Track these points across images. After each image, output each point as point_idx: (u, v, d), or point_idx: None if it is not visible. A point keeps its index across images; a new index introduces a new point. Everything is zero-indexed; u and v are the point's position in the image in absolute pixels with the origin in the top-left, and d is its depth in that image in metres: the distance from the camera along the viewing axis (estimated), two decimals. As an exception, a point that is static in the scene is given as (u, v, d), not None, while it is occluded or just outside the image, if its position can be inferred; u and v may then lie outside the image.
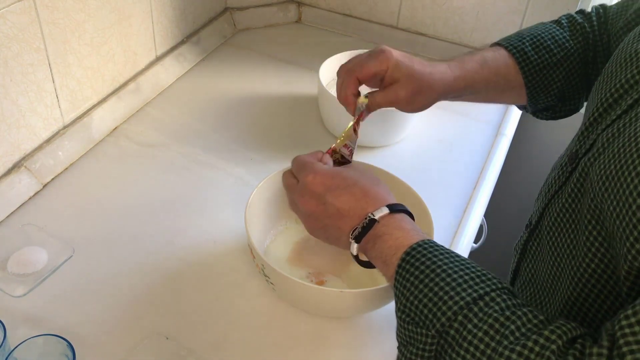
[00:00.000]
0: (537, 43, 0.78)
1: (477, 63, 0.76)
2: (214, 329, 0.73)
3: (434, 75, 0.73)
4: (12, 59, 0.81)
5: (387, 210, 0.60)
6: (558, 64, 0.78)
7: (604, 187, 0.52)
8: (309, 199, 0.63)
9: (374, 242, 0.59)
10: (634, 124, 0.52)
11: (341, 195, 0.61)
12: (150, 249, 0.82)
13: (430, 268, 0.53)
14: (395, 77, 0.72)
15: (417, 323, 0.52)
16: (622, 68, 0.60)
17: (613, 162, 0.52)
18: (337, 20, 1.38)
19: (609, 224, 0.51)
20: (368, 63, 0.72)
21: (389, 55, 0.72)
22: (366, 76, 0.72)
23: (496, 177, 1.02)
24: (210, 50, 1.26)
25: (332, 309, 0.73)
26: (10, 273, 0.76)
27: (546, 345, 0.46)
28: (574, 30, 0.80)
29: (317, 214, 0.62)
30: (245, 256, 0.82)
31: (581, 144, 0.63)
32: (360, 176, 0.64)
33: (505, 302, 0.50)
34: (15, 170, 0.87)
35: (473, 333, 0.48)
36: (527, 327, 0.48)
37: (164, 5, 1.10)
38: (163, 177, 0.94)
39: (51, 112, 0.91)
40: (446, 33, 1.29)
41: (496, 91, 0.79)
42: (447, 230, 0.89)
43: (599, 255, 0.54)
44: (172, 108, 1.10)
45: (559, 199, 0.64)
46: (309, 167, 0.64)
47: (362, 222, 0.60)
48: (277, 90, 1.17)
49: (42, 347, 0.64)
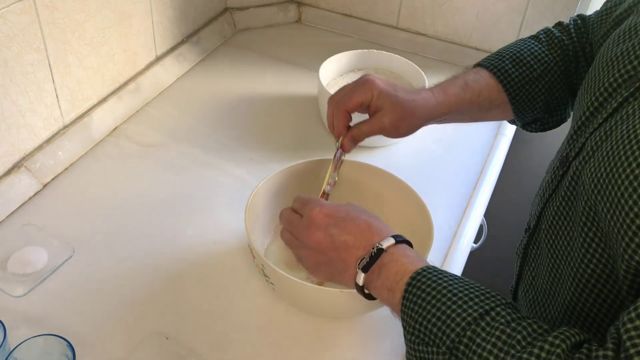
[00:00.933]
0: (517, 60, 0.80)
1: (459, 87, 0.78)
2: (214, 329, 0.73)
3: (417, 102, 0.75)
4: (12, 59, 0.81)
5: (393, 240, 0.61)
6: (539, 78, 0.80)
7: (596, 190, 0.53)
8: (315, 230, 0.64)
9: (380, 271, 0.60)
10: (620, 126, 0.54)
11: (347, 227, 0.63)
12: (150, 249, 0.82)
13: (436, 290, 0.55)
14: (379, 106, 0.74)
15: (427, 343, 0.53)
16: (605, 72, 0.61)
17: (603, 165, 0.53)
18: (337, 20, 1.38)
19: (604, 225, 0.52)
20: (353, 95, 0.74)
21: (372, 85, 0.74)
22: (353, 107, 0.74)
23: (496, 177, 1.02)
24: (210, 50, 1.26)
25: (332, 309, 0.73)
26: (10, 273, 0.76)
27: (551, 350, 0.47)
28: (552, 44, 0.82)
29: (323, 246, 0.63)
30: (245, 256, 0.82)
31: (571, 147, 0.64)
32: (362, 212, 0.65)
33: (510, 316, 0.51)
34: (15, 170, 0.87)
35: (482, 346, 0.50)
36: (533, 336, 0.49)
37: (164, 5, 1.10)
38: (163, 177, 0.94)
39: (51, 112, 0.91)
40: (446, 33, 1.29)
41: (480, 111, 0.81)
42: (447, 230, 0.89)
43: (597, 255, 0.55)
44: (172, 108, 1.10)
45: (553, 202, 0.65)
46: (314, 201, 0.66)
47: (370, 252, 0.61)
48: (277, 90, 1.17)
49: (42, 347, 0.64)
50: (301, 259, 0.67)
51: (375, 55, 1.14)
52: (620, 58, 0.60)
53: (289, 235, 0.68)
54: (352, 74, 1.13)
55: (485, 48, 1.27)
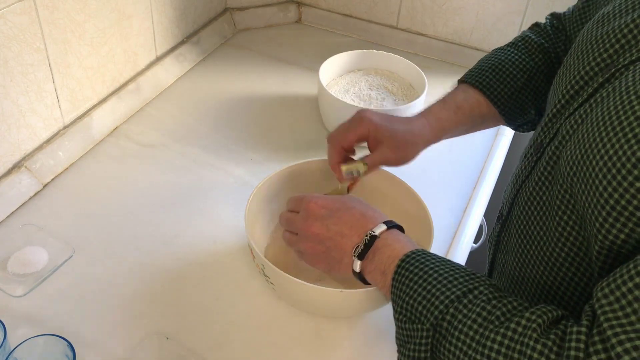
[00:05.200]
0: (499, 72, 0.81)
1: (451, 111, 0.79)
2: (214, 329, 0.73)
3: (414, 131, 0.76)
4: (12, 59, 0.81)
5: (384, 227, 0.63)
6: (524, 87, 0.80)
7: (572, 172, 0.55)
8: (312, 222, 0.66)
9: (373, 255, 0.62)
10: (595, 109, 0.55)
11: (342, 217, 0.65)
12: (150, 249, 0.82)
13: (423, 270, 0.57)
14: (378, 139, 0.75)
15: (413, 320, 0.55)
16: (580, 60, 0.62)
17: (579, 148, 0.54)
18: (337, 20, 1.38)
19: (580, 207, 0.54)
20: (349, 133, 0.75)
21: (367, 121, 0.74)
22: (350, 145, 0.75)
23: (496, 177, 1.03)
24: (210, 51, 1.26)
25: (332, 309, 0.73)
26: (10, 273, 0.76)
27: (527, 325, 0.49)
28: (531, 49, 0.82)
29: (320, 236, 0.65)
30: (245, 256, 0.82)
31: (545, 133, 0.65)
32: (357, 202, 0.68)
33: (492, 294, 0.54)
34: (15, 170, 0.87)
35: (463, 322, 0.52)
36: (512, 312, 0.51)
37: (164, 5, 1.10)
38: (163, 177, 0.95)
39: (51, 112, 0.92)
40: (446, 33, 1.30)
41: (474, 127, 0.83)
42: (447, 230, 0.89)
43: (571, 238, 0.57)
44: (172, 108, 1.10)
45: (526, 188, 0.66)
46: (309, 196, 0.69)
47: (364, 239, 0.63)
48: (277, 90, 1.17)
49: (42, 347, 0.64)
50: (301, 254, 0.69)
51: (375, 55, 1.14)
52: (595, 46, 0.61)
53: (289, 234, 0.70)
54: (352, 74, 1.13)
55: (485, 48, 1.27)
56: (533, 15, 1.19)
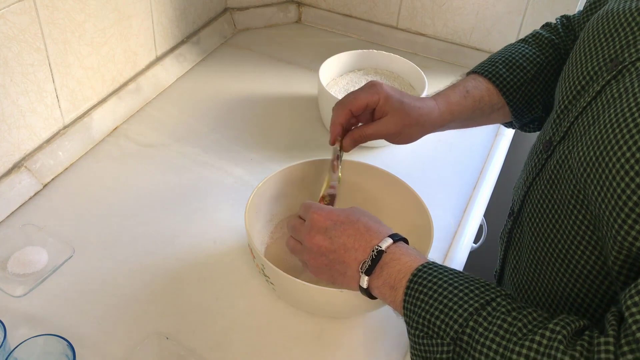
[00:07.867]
0: (510, 64, 0.81)
1: (460, 95, 0.79)
2: (214, 329, 0.73)
3: (422, 110, 0.75)
4: (12, 59, 0.81)
5: (391, 240, 0.62)
6: (534, 79, 0.81)
7: (585, 173, 0.55)
8: (315, 234, 0.65)
9: (381, 270, 0.60)
10: (607, 110, 0.55)
11: (346, 230, 0.64)
12: (150, 249, 0.82)
13: (437, 284, 0.56)
14: (385, 110, 0.74)
15: (431, 336, 0.54)
16: (586, 56, 0.63)
17: (592, 149, 0.54)
18: (337, 20, 1.38)
19: (594, 208, 0.54)
20: (359, 95, 0.74)
21: (379, 88, 0.74)
22: (359, 108, 0.74)
23: (496, 177, 1.03)
24: (210, 51, 1.26)
25: (332, 309, 0.73)
26: (10, 273, 0.76)
27: (552, 337, 0.48)
28: (541, 44, 0.83)
29: (323, 249, 0.64)
30: (245, 256, 0.82)
31: (554, 131, 0.65)
32: (362, 215, 0.66)
33: (510, 305, 0.53)
34: (15, 170, 0.87)
35: (485, 335, 0.51)
36: (533, 324, 0.50)
37: (164, 5, 1.10)
38: (163, 177, 0.94)
39: (51, 112, 0.92)
40: (446, 33, 1.30)
41: (482, 117, 0.82)
42: (447, 230, 0.89)
43: (586, 237, 0.57)
44: (172, 108, 1.10)
45: (537, 186, 0.66)
46: (315, 206, 0.67)
47: (370, 255, 0.61)
48: (277, 90, 1.17)
49: (42, 347, 0.64)
50: (305, 264, 0.68)
51: (375, 55, 1.14)
52: (599, 42, 0.61)
53: (293, 242, 0.68)
54: (352, 74, 1.13)
55: (485, 48, 1.27)
56: (533, 15, 1.19)
